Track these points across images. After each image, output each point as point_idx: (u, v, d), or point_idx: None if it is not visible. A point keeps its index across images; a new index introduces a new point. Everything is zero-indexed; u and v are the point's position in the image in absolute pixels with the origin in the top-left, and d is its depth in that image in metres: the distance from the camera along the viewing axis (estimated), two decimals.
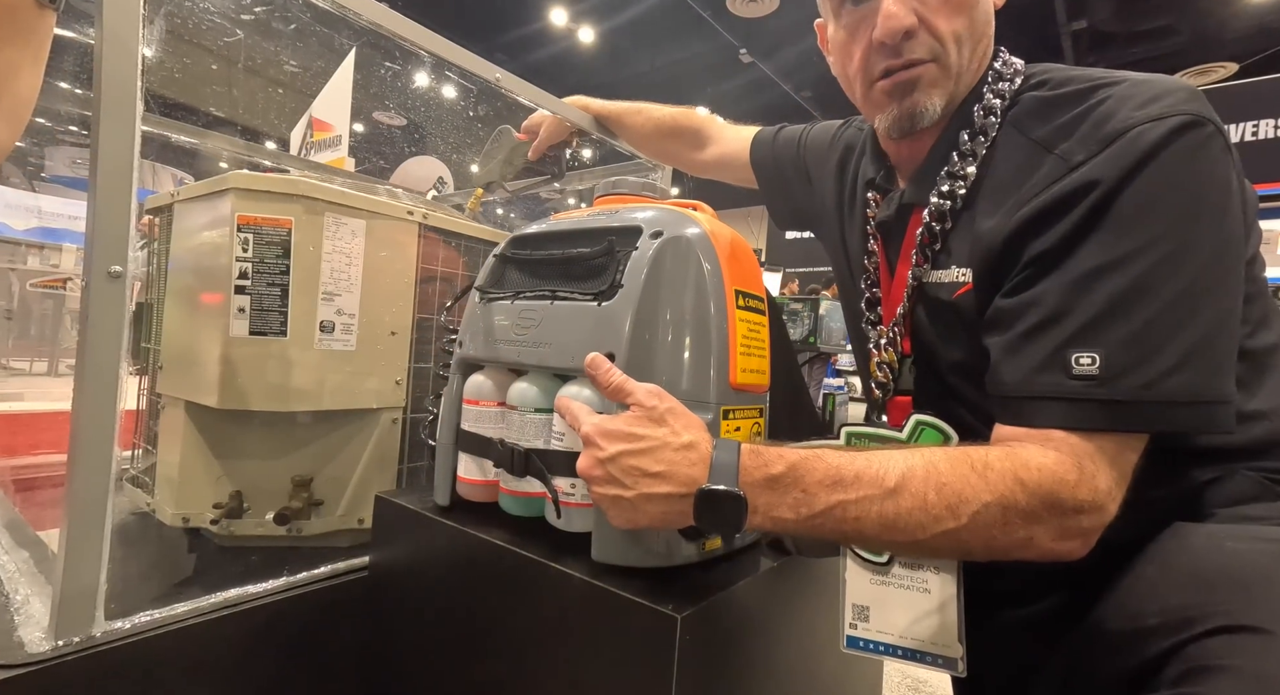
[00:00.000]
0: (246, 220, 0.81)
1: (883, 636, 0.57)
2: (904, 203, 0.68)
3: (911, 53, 0.61)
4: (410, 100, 1.93)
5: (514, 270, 0.73)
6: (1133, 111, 0.52)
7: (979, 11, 0.62)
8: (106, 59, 0.56)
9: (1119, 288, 0.49)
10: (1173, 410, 0.48)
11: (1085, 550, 0.49)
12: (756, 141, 1.01)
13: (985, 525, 0.47)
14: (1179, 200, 0.49)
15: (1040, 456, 0.48)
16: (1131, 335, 0.48)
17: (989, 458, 0.49)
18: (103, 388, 0.58)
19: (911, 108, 0.63)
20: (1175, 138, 0.50)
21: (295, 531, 0.85)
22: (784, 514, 0.48)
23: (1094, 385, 0.48)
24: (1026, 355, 0.52)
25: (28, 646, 0.57)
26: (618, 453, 0.49)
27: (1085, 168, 0.52)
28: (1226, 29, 5.14)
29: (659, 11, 5.56)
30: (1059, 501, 0.47)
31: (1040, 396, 0.51)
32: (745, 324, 0.62)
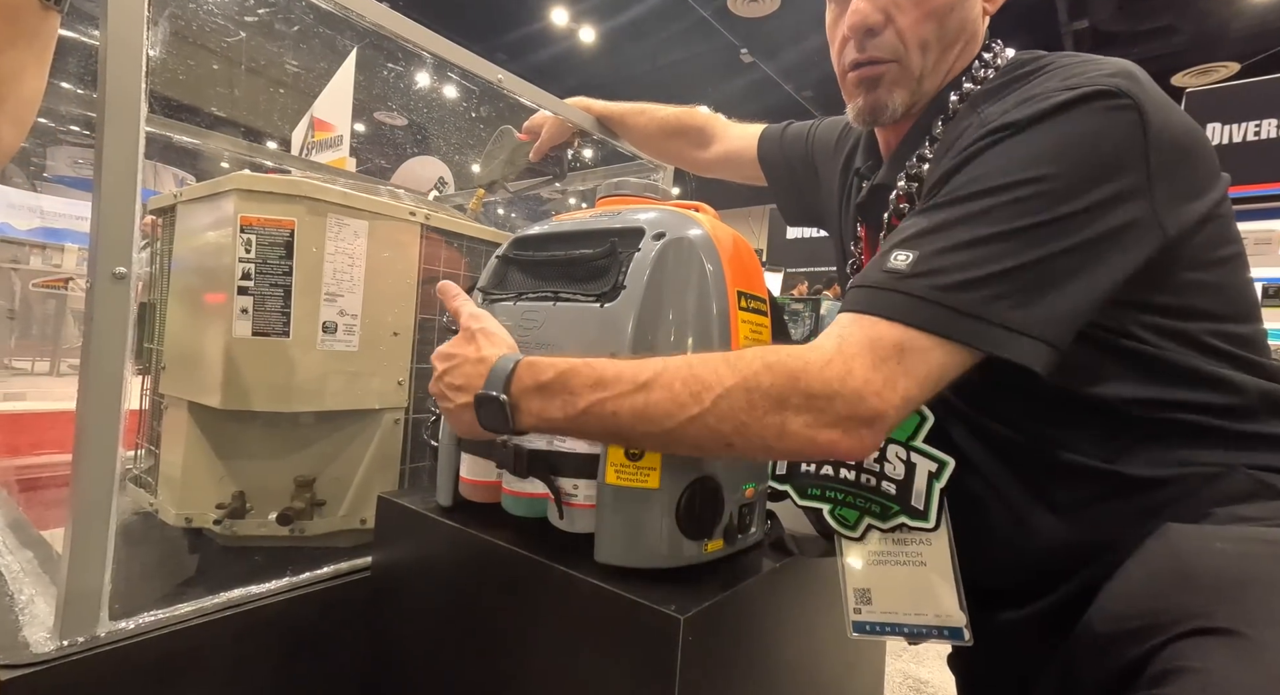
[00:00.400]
0: (249, 221, 0.81)
1: (888, 617, 0.58)
2: (875, 184, 0.70)
3: (874, 51, 0.64)
4: (411, 100, 1.93)
5: (516, 271, 0.73)
6: (1059, 82, 0.53)
7: (953, 18, 0.63)
8: (111, 61, 0.56)
9: (958, 213, 0.51)
10: (958, 320, 0.48)
11: (856, 447, 0.48)
12: (764, 138, 1.01)
13: (731, 410, 0.48)
14: (1055, 153, 0.49)
15: (799, 347, 0.50)
16: (949, 247, 0.49)
17: (744, 351, 0.51)
18: (107, 388, 0.58)
19: (874, 102, 0.66)
20: (1078, 103, 0.50)
21: (298, 532, 0.86)
22: (554, 414, 0.52)
23: (894, 277, 0.50)
24: (870, 265, 0.54)
25: (33, 646, 0.57)
26: (442, 370, 0.58)
27: (993, 123, 0.53)
28: (1228, 29, 5.13)
29: (660, 12, 5.56)
30: (801, 383, 0.47)
31: (855, 285, 0.53)
32: (748, 325, 0.62)
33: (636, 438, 0.51)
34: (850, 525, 0.58)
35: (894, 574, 0.58)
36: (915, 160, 0.64)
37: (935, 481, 0.55)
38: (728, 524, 0.60)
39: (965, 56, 0.66)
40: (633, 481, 0.56)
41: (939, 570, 0.56)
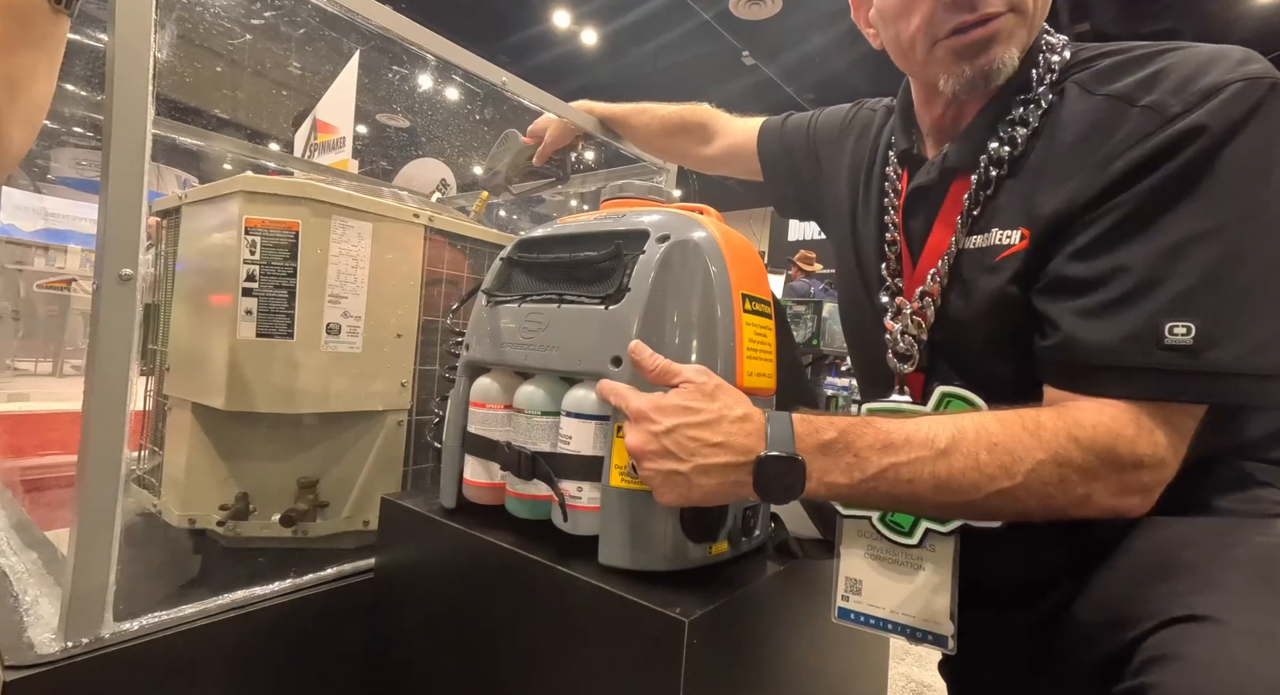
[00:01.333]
0: (254, 223, 0.82)
1: (874, 610, 0.57)
2: (947, 166, 0.65)
3: (989, 5, 0.57)
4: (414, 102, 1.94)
5: (521, 273, 0.73)
6: (1231, 68, 0.50)
7: None
8: (119, 65, 0.56)
9: (1217, 256, 0.47)
10: (1259, 384, 0.47)
11: (1146, 507, 0.49)
12: (764, 130, 1.00)
13: (1041, 483, 0.47)
14: (1277, 166, 0.48)
15: (1095, 414, 0.48)
16: (1227, 306, 0.47)
17: (1040, 417, 0.48)
18: (113, 389, 0.58)
19: (988, 64, 0.59)
20: (1270, 101, 0.48)
21: (301, 533, 0.86)
22: (838, 478, 0.49)
23: (1186, 356, 0.47)
24: (1114, 323, 0.49)
25: (37, 647, 0.57)
26: (675, 425, 0.49)
27: (1187, 119, 0.49)
28: (1230, 33, 5.13)
29: (662, 14, 5.57)
30: (1117, 457, 0.47)
31: (1127, 367, 0.49)
32: (752, 328, 0.62)
33: (930, 507, 0.50)
34: (905, 531, 0.56)
35: (889, 571, 0.58)
36: (998, 144, 0.60)
37: None
38: (732, 527, 0.60)
39: (1044, 12, 0.61)
40: (637, 484, 0.56)
41: (938, 576, 0.56)
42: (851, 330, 0.81)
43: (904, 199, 0.70)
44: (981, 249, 0.60)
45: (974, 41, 0.59)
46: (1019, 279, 0.57)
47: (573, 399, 0.61)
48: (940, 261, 0.63)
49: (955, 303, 0.63)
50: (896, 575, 0.57)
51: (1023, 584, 0.61)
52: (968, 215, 0.62)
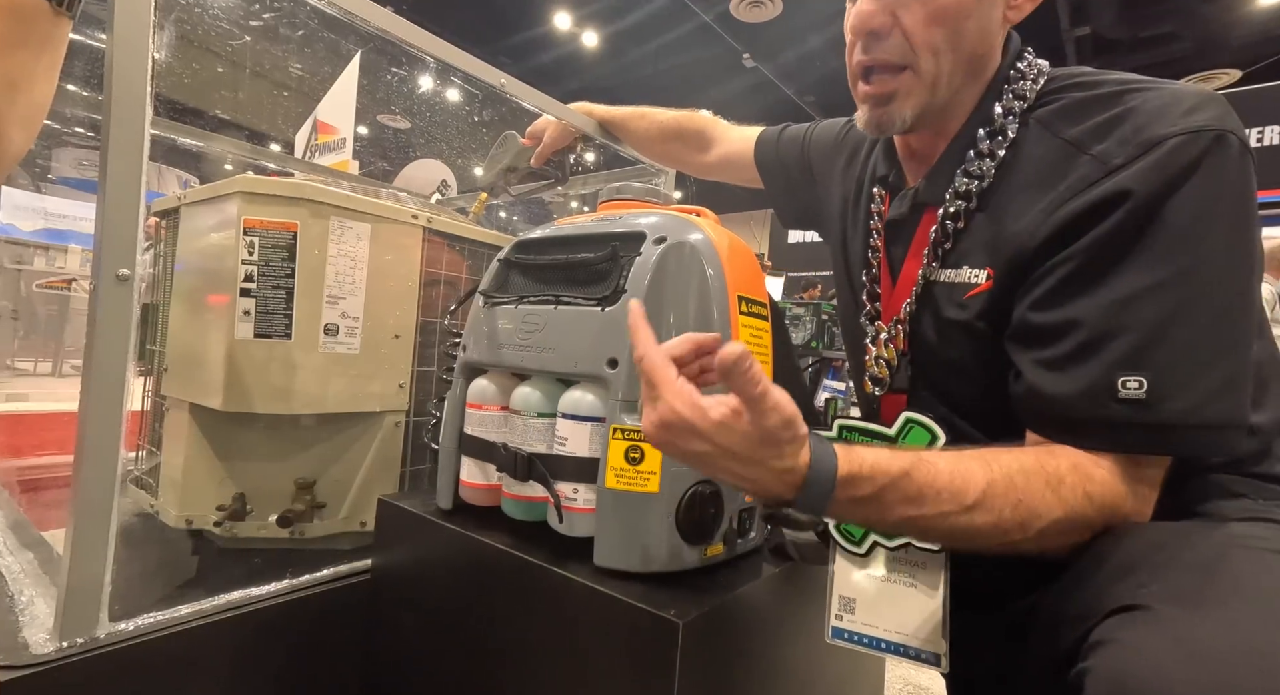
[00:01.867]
0: (253, 223, 0.82)
1: (868, 629, 0.57)
2: (918, 201, 0.67)
3: (880, 53, 0.62)
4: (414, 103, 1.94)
5: (518, 275, 0.73)
6: (1175, 120, 0.52)
7: (969, 27, 0.60)
8: (117, 66, 0.56)
9: (1165, 310, 0.49)
10: (1209, 434, 0.50)
11: None
12: (760, 141, 1.01)
13: (1055, 535, 0.50)
14: (1219, 220, 0.50)
15: (1100, 470, 0.51)
16: (1176, 359, 0.49)
17: (1061, 471, 0.50)
18: (110, 390, 0.58)
19: (880, 116, 0.64)
20: (1214, 153, 0.50)
21: (298, 534, 0.86)
22: (854, 518, 0.52)
23: (1140, 409, 0.49)
24: (1071, 376, 0.52)
25: (32, 647, 0.57)
26: (713, 452, 0.44)
27: (1125, 173, 0.51)
28: (1230, 36, 5.14)
29: (662, 15, 5.58)
30: (1119, 514, 0.50)
31: (1087, 419, 0.52)
32: (748, 329, 0.62)
33: (944, 545, 0.54)
34: (856, 541, 0.57)
35: (882, 589, 0.58)
36: (964, 177, 0.62)
37: None
38: (727, 529, 0.60)
39: (989, 65, 0.64)
40: (632, 486, 0.56)
41: (929, 594, 0.56)
42: (847, 346, 0.83)
43: (884, 226, 0.72)
44: (951, 284, 0.62)
45: (875, 95, 0.64)
46: (985, 317, 0.60)
47: (569, 401, 0.61)
48: (912, 292, 0.65)
49: (925, 331, 0.65)
50: (890, 593, 0.57)
51: (1001, 589, 0.62)
52: (936, 247, 0.64)
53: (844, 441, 0.59)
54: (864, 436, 0.59)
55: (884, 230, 0.72)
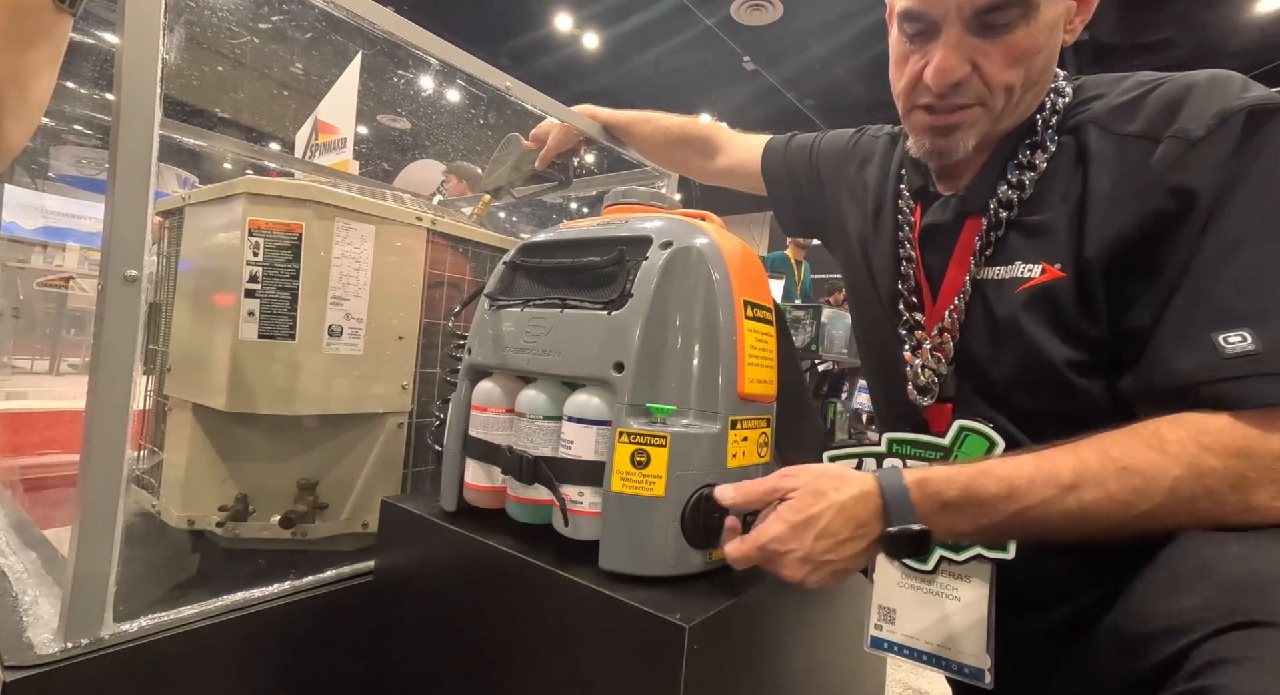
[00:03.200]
0: (257, 224, 0.82)
1: (909, 640, 0.57)
2: (963, 209, 0.67)
3: (957, 98, 0.61)
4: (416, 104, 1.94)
5: (524, 278, 0.73)
6: (1237, 94, 0.53)
7: (1040, 58, 0.60)
8: (127, 67, 0.56)
9: (1252, 263, 0.49)
10: None
11: None
12: (768, 150, 1.01)
13: (1187, 500, 0.46)
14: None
15: (1210, 418, 0.48)
16: (1275, 308, 0.48)
17: (1160, 430, 0.48)
18: (117, 390, 0.58)
19: (944, 147, 0.64)
20: None
21: (300, 535, 0.86)
22: (964, 527, 0.50)
23: (1253, 362, 0.47)
24: (1178, 346, 0.51)
25: (37, 648, 0.57)
26: (809, 543, 0.50)
27: (1209, 141, 0.52)
28: (1228, 42, 5.16)
29: (663, 18, 5.59)
30: (1254, 453, 0.46)
31: (1201, 383, 0.49)
32: (753, 334, 0.63)
33: (1071, 538, 0.50)
34: (922, 558, 0.56)
35: (924, 601, 0.57)
36: (1006, 187, 0.63)
37: None
38: None
39: (1041, 90, 0.63)
40: (638, 489, 0.56)
41: (974, 608, 0.55)
42: (871, 357, 0.82)
43: (919, 234, 0.71)
44: (1002, 280, 0.62)
45: (937, 126, 0.63)
46: (1044, 310, 0.59)
47: (574, 404, 0.61)
48: (957, 298, 0.65)
49: (976, 335, 0.65)
50: (932, 604, 0.56)
51: (1033, 594, 0.61)
52: (980, 254, 0.64)
53: (895, 455, 0.59)
54: (915, 448, 0.58)
55: (920, 238, 0.71)
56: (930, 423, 0.68)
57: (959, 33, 0.58)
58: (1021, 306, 0.60)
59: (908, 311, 0.71)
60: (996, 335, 0.63)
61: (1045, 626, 0.60)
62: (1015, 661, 0.62)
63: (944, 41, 0.59)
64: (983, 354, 0.64)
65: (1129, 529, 0.48)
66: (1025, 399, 0.61)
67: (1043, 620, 0.60)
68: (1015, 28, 0.57)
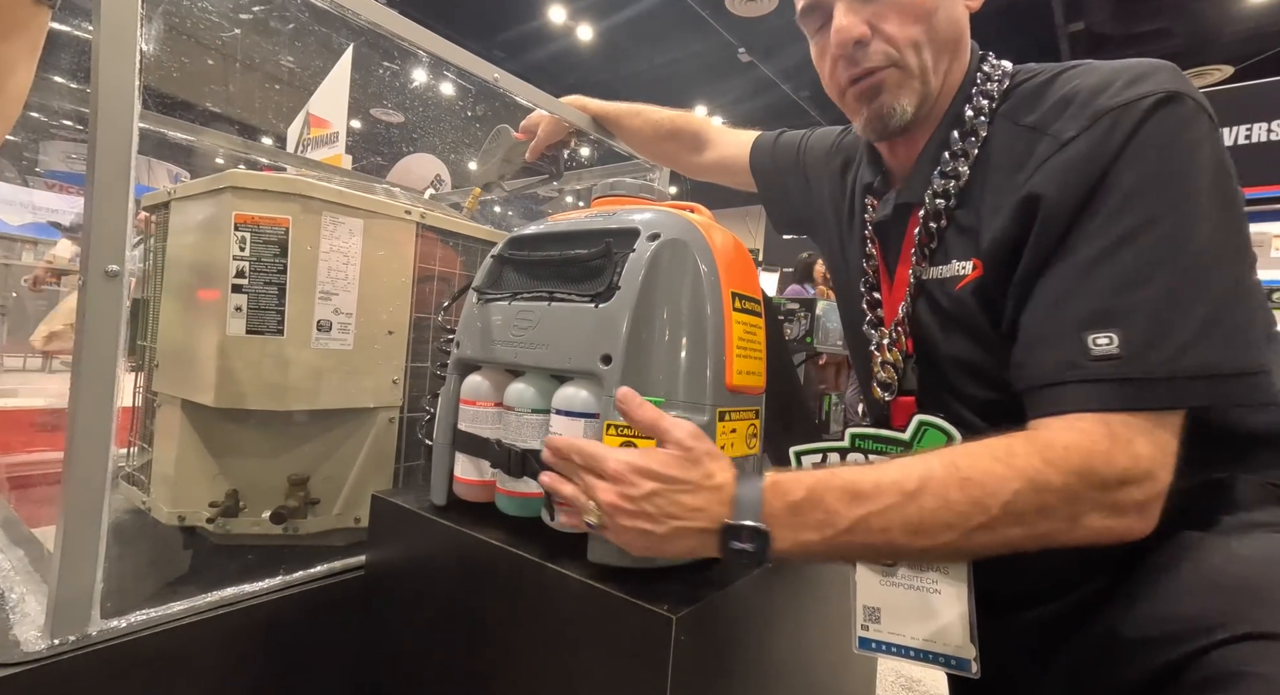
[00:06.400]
0: (244, 219, 0.81)
1: (895, 638, 0.57)
2: (900, 203, 0.68)
3: (867, 61, 0.63)
4: (408, 98, 1.92)
5: (511, 271, 0.73)
6: (1120, 90, 0.53)
7: (940, 17, 0.62)
8: (104, 57, 0.56)
9: (1125, 267, 0.49)
10: (1195, 384, 0.47)
11: (1148, 525, 0.47)
12: (756, 146, 1.01)
13: (1021, 514, 0.46)
14: (1173, 174, 0.49)
15: (1065, 434, 0.47)
16: (1143, 312, 0.48)
17: (1011, 444, 0.48)
18: (99, 386, 0.58)
19: (880, 109, 0.65)
20: (1160, 111, 0.50)
21: (291, 530, 0.85)
22: (810, 536, 0.48)
23: (1117, 365, 0.48)
24: (1046, 344, 0.52)
25: (23, 645, 0.57)
26: (653, 490, 0.49)
27: (1075, 143, 0.53)
28: (1222, 32, 5.16)
29: (658, 10, 5.56)
30: (1095, 473, 0.46)
31: (1063, 382, 0.50)
32: (741, 326, 0.62)
33: (912, 553, 0.49)
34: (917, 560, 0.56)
35: (907, 597, 0.57)
36: (940, 177, 0.64)
37: None
38: None
39: (961, 59, 0.66)
40: None
41: (954, 600, 0.55)
42: (852, 352, 0.84)
43: (874, 231, 0.73)
44: (943, 279, 0.63)
45: (864, 90, 0.65)
46: (974, 305, 0.60)
47: (563, 397, 0.61)
48: (906, 292, 0.66)
49: (925, 330, 0.66)
50: (914, 600, 0.57)
51: (1025, 592, 0.62)
52: (922, 248, 0.65)
53: (858, 450, 0.59)
54: (878, 443, 0.59)
55: (875, 235, 0.73)
56: (893, 417, 0.69)
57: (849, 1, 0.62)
58: (961, 302, 0.61)
59: (869, 309, 0.73)
60: (946, 330, 0.64)
61: (1041, 620, 0.61)
62: (1011, 656, 0.62)
63: (836, 11, 0.63)
64: (936, 348, 0.65)
65: (967, 546, 0.47)
66: (980, 391, 0.62)
67: (1039, 614, 0.60)
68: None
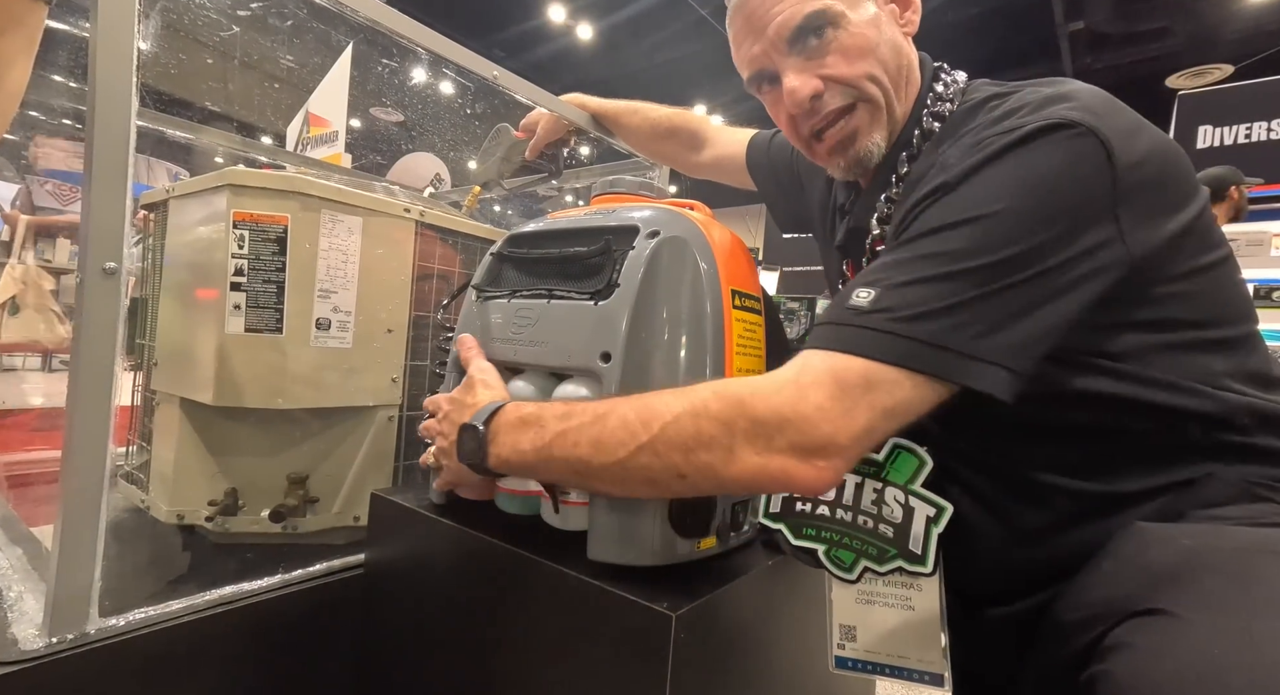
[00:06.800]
0: (242, 216, 0.81)
1: (870, 655, 0.58)
2: (851, 227, 0.71)
3: (829, 105, 0.64)
4: (408, 96, 1.92)
5: (511, 269, 0.73)
6: (1021, 118, 0.52)
7: (884, 48, 0.63)
8: (101, 54, 0.55)
9: (919, 250, 0.51)
10: (918, 349, 0.47)
11: (812, 478, 0.47)
12: (752, 145, 1.01)
13: (679, 435, 0.48)
14: (1014, 187, 0.50)
15: (757, 377, 0.50)
16: (909, 281, 0.49)
17: (702, 384, 0.51)
18: (97, 384, 0.58)
19: (856, 155, 0.66)
20: (1036, 136, 0.50)
21: (290, 529, 0.85)
22: (524, 446, 0.54)
23: (855, 313, 0.50)
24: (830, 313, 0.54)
25: (21, 644, 0.57)
26: (445, 413, 0.64)
27: (949, 172, 0.53)
28: (1222, 31, 5.16)
29: (657, 9, 5.55)
30: (748, 409, 0.47)
31: (817, 324, 0.53)
32: (741, 324, 0.62)
33: (595, 471, 0.51)
34: (846, 567, 0.56)
35: (881, 614, 0.58)
36: (884, 201, 0.65)
37: (933, 526, 0.54)
38: (720, 522, 0.60)
39: (913, 83, 0.66)
40: None
41: (926, 616, 0.56)
42: None
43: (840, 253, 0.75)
44: None
45: (835, 144, 0.66)
46: None
47: (562, 394, 0.61)
48: None
49: None
50: (888, 619, 0.57)
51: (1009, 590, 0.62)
52: None
53: None
54: None
55: (843, 256, 0.74)
56: None
57: (793, 62, 0.63)
58: None
59: None
60: None
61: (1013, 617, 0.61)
62: (990, 653, 0.63)
63: (784, 74, 0.64)
64: None
65: (633, 467, 0.49)
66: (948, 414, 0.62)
67: (1010, 611, 0.61)
68: (835, 36, 0.62)
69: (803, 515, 0.59)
